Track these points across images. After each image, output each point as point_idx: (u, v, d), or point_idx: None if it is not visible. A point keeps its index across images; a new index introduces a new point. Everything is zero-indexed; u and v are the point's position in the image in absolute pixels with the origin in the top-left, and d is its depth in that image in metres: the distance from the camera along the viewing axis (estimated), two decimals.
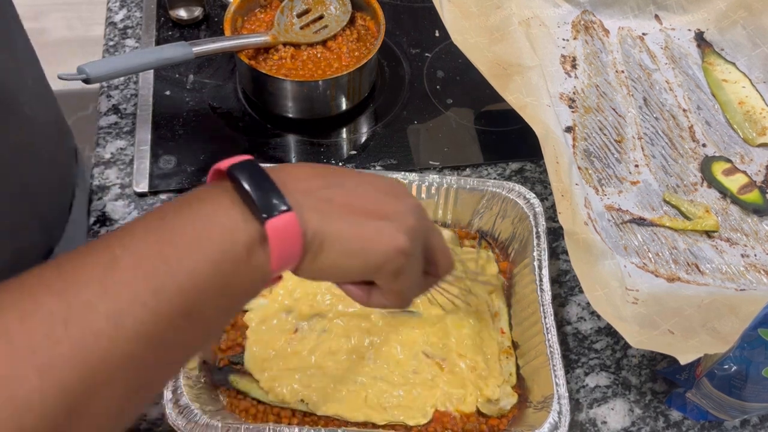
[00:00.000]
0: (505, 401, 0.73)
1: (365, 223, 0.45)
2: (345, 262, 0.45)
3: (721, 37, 1.04)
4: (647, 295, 0.77)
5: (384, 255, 0.45)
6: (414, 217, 0.48)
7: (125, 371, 0.36)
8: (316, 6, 0.97)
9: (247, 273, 0.41)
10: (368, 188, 0.47)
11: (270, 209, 0.41)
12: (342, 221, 0.44)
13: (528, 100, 0.86)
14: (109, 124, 0.95)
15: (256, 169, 0.42)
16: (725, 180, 0.90)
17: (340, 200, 0.45)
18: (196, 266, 0.39)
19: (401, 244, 0.46)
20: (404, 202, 0.48)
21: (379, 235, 0.45)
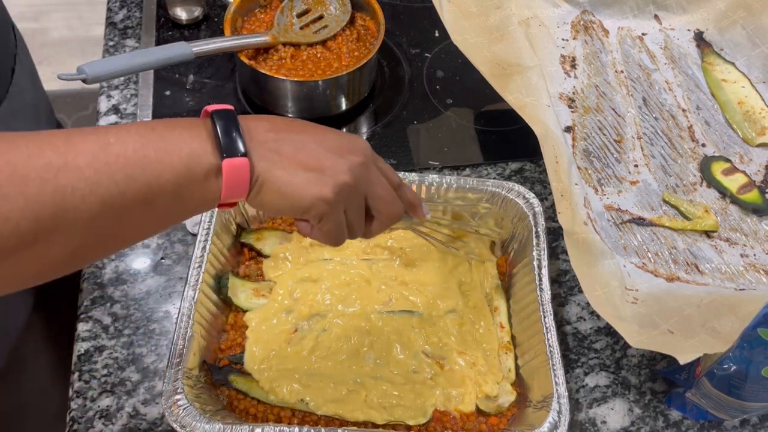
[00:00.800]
0: (504, 398, 0.73)
1: (300, 173, 0.55)
2: (279, 201, 0.55)
3: (721, 37, 1.04)
4: (647, 295, 0.77)
5: (308, 201, 0.55)
6: (349, 173, 0.57)
7: (85, 226, 0.47)
8: (316, 6, 0.98)
9: (200, 191, 0.52)
10: (315, 145, 0.56)
11: (230, 151, 0.52)
12: (282, 170, 0.54)
13: (527, 100, 0.86)
14: (109, 123, 0.95)
15: (231, 117, 0.53)
16: (724, 180, 0.90)
17: (287, 152, 0.55)
18: (164, 170, 0.49)
19: (324, 194, 0.55)
20: (345, 160, 0.57)
21: (307, 185, 0.55)
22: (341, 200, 0.57)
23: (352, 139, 0.60)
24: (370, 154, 0.60)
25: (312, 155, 0.56)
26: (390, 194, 0.62)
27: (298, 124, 0.59)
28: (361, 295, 0.78)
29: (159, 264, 0.83)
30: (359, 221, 0.61)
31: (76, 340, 0.78)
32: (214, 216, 0.78)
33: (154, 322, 0.79)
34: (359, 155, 0.58)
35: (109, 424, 0.72)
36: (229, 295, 0.77)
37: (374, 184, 0.60)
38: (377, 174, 0.60)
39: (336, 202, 0.56)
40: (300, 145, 0.56)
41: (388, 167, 0.63)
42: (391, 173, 0.63)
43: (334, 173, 0.56)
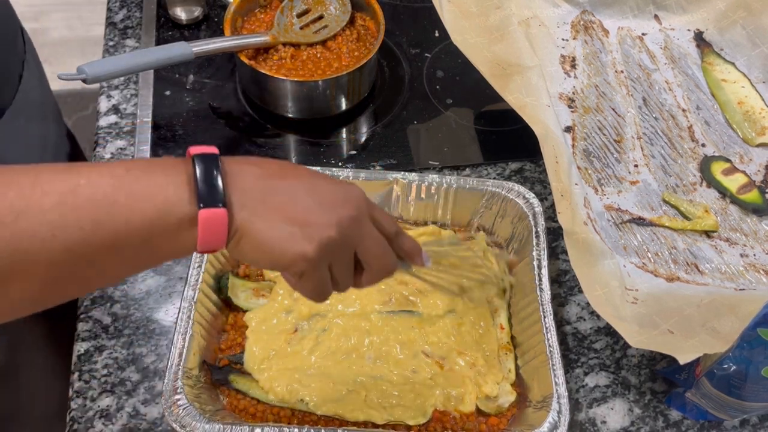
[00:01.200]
0: (504, 399, 0.73)
1: (283, 227, 0.51)
2: (258, 255, 0.52)
3: (721, 37, 1.04)
4: (647, 295, 0.77)
5: (289, 258, 0.52)
6: (336, 229, 0.53)
7: (45, 271, 0.45)
8: (316, 6, 0.98)
9: (172, 241, 0.49)
10: (305, 194, 0.53)
11: (208, 200, 0.49)
12: (264, 222, 0.51)
13: (527, 100, 0.86)
14: (109, 124, 0.95)
15: (213, 162, 0.50)
16: (724, 180, 0.90)
17: (272, 202, 0.52)
18: (134, 217, 0.47)
19: (306, 252, 0.52)
20: (334, 213, 0.53)
21: (289, 240, 0.51)
22: (325, 257, 0.53)
23: (345, 190, 0.56)
24: (364, 205, 0.56)
25: (299, 207, 0.52)
26: (381, 249, 0.58)
27: (291, 170, 0.55)
28: (361, 295, 0.78)
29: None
30: (345, 277, 0.57)
31: (76, 340, 0.78)
32: None
33: (154, 322, 0.79)
34: (351, 208, 0.55)
35: (109, 424, 0.72)
36: (229, 295, 0.77)
37: (365, 239, 0.56)
38: (369, 228, 0.57)
39: (318, 260, 0.53)
40: (288, 195, 0.53)
41: (384, 217, 0.59)
42: (388, 223, 0.59)
43: (320, 228, 0.52)
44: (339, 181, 0.57)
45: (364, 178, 0.83)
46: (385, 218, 0.59)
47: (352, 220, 0.54)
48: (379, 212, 0.59)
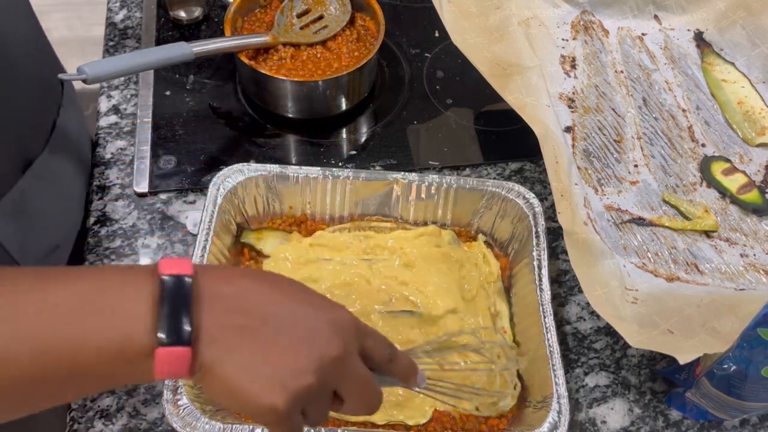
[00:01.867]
0: (504, 401, 0.73)
1: (254, 374, 0.46)
2: (223, 399, 0.47)
3: (721, 37, 1.04)
4: (647, 295, 0.77)
5: (256, 409, 0.46)
6: (315, 374, 0.47)
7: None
8: (316, 6, 0.98)
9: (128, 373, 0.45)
10: (284, 331, 0.47)
11: (170, 339, 0.44)
12: (233, 365, 0.46)
13: (527, 100, 0.86)
14: (110, 124, 0.95)
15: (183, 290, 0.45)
16: (724, 180, 0.90)
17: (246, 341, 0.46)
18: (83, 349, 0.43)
19: (275, 405, 0.46)
20: (314, 356, 0.47)
21: (259, 391, 0.46)
22: (297, 407, 0.48)
23: (334, 321, 0.50)
24: (352, 338, 0.50)
25: (273, 347, 0.47)
26: (364, 387, 0.52)
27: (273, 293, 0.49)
28: (361, 295, 0.78)
29: None
30: (320, 416, 0.51)
31: None
32: (215, 216, 0.78)
33: None
34: (337, 345, 0.49)
35: (110, 423, 0.72)
36: None
37: (347, 378, 0.50)
38: (354, 366, 0.51)
39: (289, 412, 0.47)
40: (263, 329, 0.47)
41: (378, 343, 0.53)
42: (381, 350, 0.53)
43: (295, 376, 0.46)
44: (327, 307, 0.51)
45: (364, 178, 0.83)
46: (378, 345, 0.53)
47: (335, 361, 0.48)
48: (372, 338, 0.53)
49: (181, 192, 0.89)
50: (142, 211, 0.87)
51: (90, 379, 0.45)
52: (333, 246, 0.81)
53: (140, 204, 0.88)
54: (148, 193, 0.88)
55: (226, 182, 0.80)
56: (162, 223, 0.86)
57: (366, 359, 0.52)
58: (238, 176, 0.81)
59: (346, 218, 0.85)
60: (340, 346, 0.49)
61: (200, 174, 0.90)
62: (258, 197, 0.83)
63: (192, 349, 0.45)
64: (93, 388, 0.48)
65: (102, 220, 0.86)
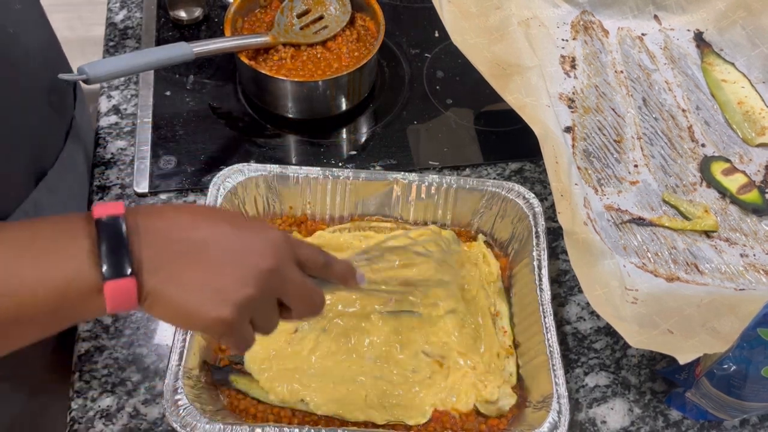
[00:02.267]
0: (504, 401, 0.73)
1: (196, 292, 0.50)
2: (172, 320, 0.51)
3: (721, 37, 1.04)
4: (646, 295, 0.77)
5: (204, 323, 0.51)
6: (254, 285, 0.51)
7: None
8: (316, 6, 0.98)
9: (81, 310, 0.49)
10: (218, 251, 0.51)
11: (114, 272, 0.47)
12: (175, 287, 0.49)
13: (527, 100, 0.86)
14: (110, 124, 0.95)
15: (117, 230, 0.48)
16: (724, 180, 0.90)
17: (184, 263, 0.50)
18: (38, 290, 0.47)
19: (222, 316, 0.50)
20: (250, 268, 0.52)
21: (203, 305, 0.50)
22: (243, 316, 0.52)
23: (262, 238, 0.54)
24: (284, 251, 0.54)
25: (213, 266, 0.51)
26: (305, 292, 0.57)
27: (204, 221, 0.53)
28: (361, 295, 0.78)
29: None
30: (269, 323, 0.56)
31: (76, 340, 0.78)
32: None
33: (154, 321, 0.79)
34: (268, 258, 0.53)
35: (110, 424, 0.72)
36: None
37: (286, 286, 0.55)
38: (291, 273, 0.55)
39: (236, 322, 0.51)
40: (201, 253, 0.51)
41: (310, 253, 0.58)
42: (315, 258, 0.58)
43: (236, 288, 0.51)
44: (256, 226, 0.55)
45: (364, 178, 0.83)
46: (311, 254, 0.58)
47: (270, 272, 0.53)
48: (304, 249, 0.57)
49: (181, 192, 0.89)
50: None
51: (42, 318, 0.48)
52: (333, 246, 0.81)
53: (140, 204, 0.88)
54: (149, 194, 0.88)
55: (226, 182, 0.80)
56: None
57: (303, 267, 0.57)
58: (238, 176, 0.81)
59: (346, 218, 0.85)
60: (273, 257, 0.53)
61: (200, 174, 0.90)
62: (258, 197, 0.83)
63: (136, 279, 0.48)
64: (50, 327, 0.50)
65: None
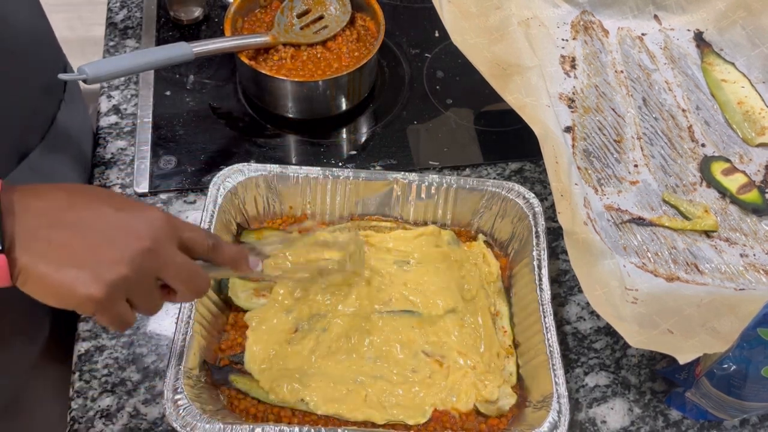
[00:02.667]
0: (504, 401, 0.73)
1: (68, 269, 0.50)
2: (44, 297, 0.51)
3: (721, 37, 1.04)
4: (646, 295, 0.77)
5: (76, 301, 0.51)
6: (129, 265, 0.52)
7: None
8: (316, 6, 0.98)
9: None
10: (94, 230, 0.52)
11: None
12: (48, 264, 0.50)
13: (527, 100, 0.86)
14: (110, 124, 0.95)
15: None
16: (724, 180, 0.90)
17: (58, 241, 0.51)
18: None
19: (92, 294, 0.50)
20: (126, 249, 0.52)
21: (74, 283, 0.50)
22: (117, 295, 0.52)
23: (141, 218, 0.54)
24: (163, 232, 0.54)
25: (87, 244, 0.51)
26: (186, 273, 0.57)
27: (81, 200, 0.53)
28: (361, 295, 0.78)
29: None
30: (149, 304, 0.56)
31: (76, 340, 0.78)
32: (215, 216, 0.78)
33: (154, 321, 0.79)
34: (145, 239, 0.53)
35: (110, 423, 0.72)
36: (230, 294, 0.77)
37: (166, 267, 0.55)
38: (171, 255, 0.55)
39: (109, 300, 0.51)
40: (75, 231, 0.51)
41: (196, 235, 0.58)
42: (201, 240, 0.58)
43: (110, 266, 0.51)
44: (136, 207, 0.55)
45: (364, 178, 0.83)
46: (195, 236, 0.57)
47: (146, 252, 0.53)
48: (190, 231, 0.57)
49: (181, 192, 0.89)
50: None
51: None
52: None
53: None
54: (149, 193, 0.88)
55: (226, 182, 0.80)
56: None
57: (189, 250, 0.57)
58: (238, 176, 0.81)
59: (346, 218, 0.85)
60: (151, 238, 0.53)
61: (200, 174, 0.90)
62: (258, 197, 0.83)
63: (8, 257, 0.49)
64: None
65: None
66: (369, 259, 0.80)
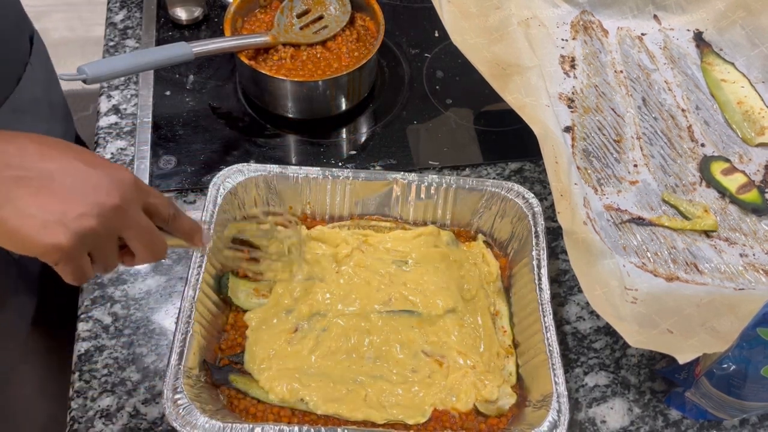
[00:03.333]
0: (504, 401, 0.73)
1: (35, 215, 0.49)
2: (7, 245, 0.50)
3: (720, 37, 1.04)
4: (646, 295, 0.77)
5: (40, 248, 0.50)
6: (96, 219, 0.51)
7: None
8: (315, 6, 0.98)
9: None
10: (64, 180, 0.51)
11: None
12: (12, 209, 0.49)
13: (527, 100, 0.86)
14: (110, 124, 0.95)
15: None
16: (724, 179, 0.90)
17: (27, 187, 0.50)
18: None
19: (58, 242, 0.50)
20: (94, 202, 0.51)
21: (40, 230, 0.49)
22: (82, 247, 0.52)
23: (111, 175, 0.54)
24: (131, 192, 0.54)
25: (56, 194, 0.50)
26: (148, 236, 0.57)
27: (55, 151, 0.53)
28: (361, 295, 0.78)
29: (159, 264, 0.83)
30: (107, 262, 0.56)
31: (76, 340, 0.78)
32: (214, 216, 0.78)
33: (154, 321, 0.79)
34: (115, 196, 0.53)
35: (110, 423, 0.72)
36: (230, 294, 0.77)
37: (130, 228, 0.55)
38: (136, 216, 0.55)
39: (74, 250, 0.51)
40: (44, 180, 0.50)
41: (159, 201, 0.58)
42: (163, 207, 0.58)
43: (77, 218, 0.50)
44: (106, 164, 0.55)
45: (364, 178, 0.83)
46: (159, 202, 0.58)
47: (114, 209, 0.53)
48: (154, 197, 0.57)
49: (181, 192, 0.89)
50: None
51: None
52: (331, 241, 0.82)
53: None
54: None
55: (226, 182, 0.80)
56: None
57: (150, 215, 0.57)
58: (238, 176, 0.81)
59: (346, 218, 0.85)
60: (120, 197, 0.53)
61: (200, 174, 0.90)
62: (258, 197, 0.83)
63: None
64: None
65: None
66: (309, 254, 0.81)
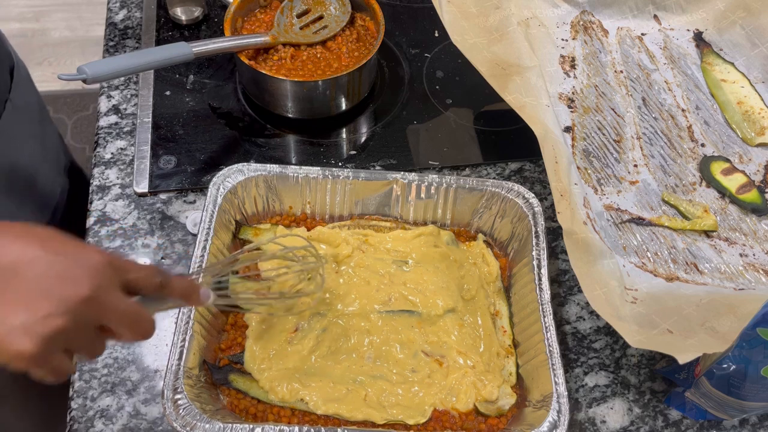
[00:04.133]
0: (504, 401, 0.73)
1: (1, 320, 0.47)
2: None
3: (720, 37, 1.04)
4: (646, 295, 0.77)
5: (5, 357, 0.48)
6: (65, 316, 0.48)
7: None
8: (315, 6, 0.98)
9: None
10: (27, 280, 0.48)
11: None
12: None
13: (527, 100, 0.86)
14: (110, 124, 0.95)
15: None
16: (724, 179, 0.90)
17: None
18: None
19: (23, 351, 0.47)
20: (61, 299, 0.48)
21: (4, 339, 0.47)
22: (51, 350, 0.49)
23: (80, 262, 0.50)
24: (104, 277, 0.51)
25: (18, 293, 0.48)
26: (131, 316, 0.53)
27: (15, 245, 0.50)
28: (361, 295, 0.78)
29: (159, 264, 0.83)
30: (92, 350, 0.53)
31: None
32: (215, 216, 0.78)
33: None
34: (83, 286, 0.49)
35: (110, 423, 0.72)
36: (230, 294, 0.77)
37: (106, 314, 0.52)
38: (113, 299, 0.52)
39: (43, 355, 0.48)
40: (7, 281, 0.48)
41: (141, 274, 0.55)
42: (147, 279, 0.55)
43: (42, 320, 0.47)
44: (74, 249, 0.51)
45: (363, 177, 0.83)
46: (141, 276, 0.55)
47: (84, 301, 0.49)
48: (134, 272, 0.54)
49: (181, 192, 0.89)
50: (142, 211, 0.87)
51: None
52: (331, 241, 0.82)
53: (140, 204, 0.88)
54: (148, 193, 0.88)
55: (226, 182, 0.80)
56: (162, 223, 0.86)
57: (136, 290, 0.55)
58: (238, 176, 0.81)
59: (346, 218, 0.85)
60: (90, 285, 0.50)
61: (200, 174, 0.90)
62: (258, 197, 0.83)
63: None
64: None
65: (102, 220, 0.86)
66: (335, 274, 0.80)
